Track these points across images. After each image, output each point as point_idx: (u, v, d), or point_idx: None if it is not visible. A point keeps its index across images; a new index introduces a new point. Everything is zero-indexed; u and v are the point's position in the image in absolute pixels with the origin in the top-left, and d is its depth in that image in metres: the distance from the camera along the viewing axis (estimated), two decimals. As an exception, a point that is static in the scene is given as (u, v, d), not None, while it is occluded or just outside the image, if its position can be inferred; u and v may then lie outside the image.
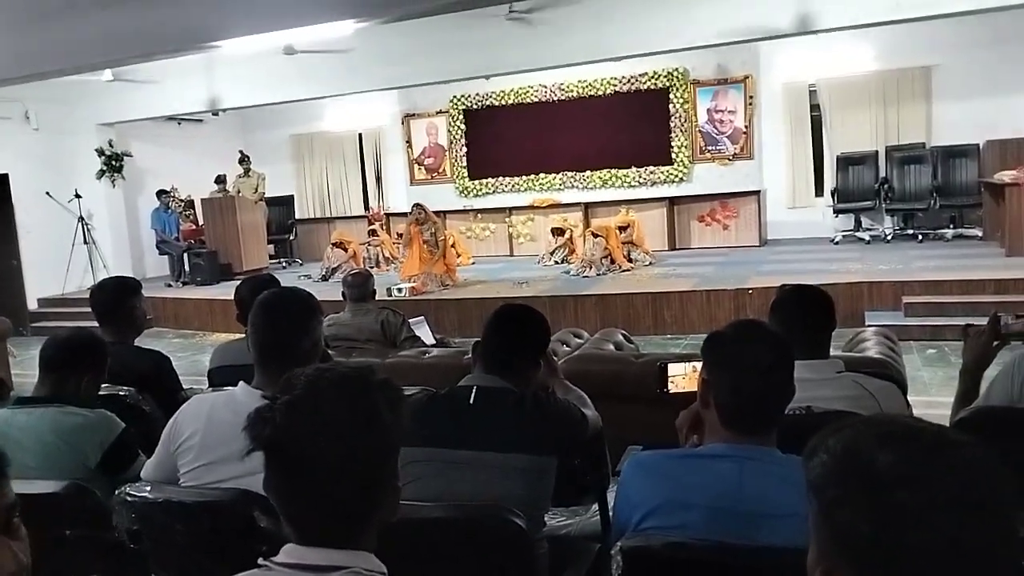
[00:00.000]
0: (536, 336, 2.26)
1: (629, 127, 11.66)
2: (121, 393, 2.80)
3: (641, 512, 1.61)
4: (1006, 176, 8.12)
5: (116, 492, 1.99)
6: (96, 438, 2.31)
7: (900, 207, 10.20)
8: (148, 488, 1.98)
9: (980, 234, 9.56)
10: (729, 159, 11.34)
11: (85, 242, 11.13)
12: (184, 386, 3.22)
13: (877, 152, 10.53)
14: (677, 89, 11.37)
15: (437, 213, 10.72)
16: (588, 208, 11.39)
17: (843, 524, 0.84)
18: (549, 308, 7.80)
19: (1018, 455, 2.07)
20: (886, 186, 10.28)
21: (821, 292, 2.41)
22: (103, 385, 2.65)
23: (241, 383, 2.01)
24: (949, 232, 9.81)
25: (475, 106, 12.50)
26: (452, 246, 10.25)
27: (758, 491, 1.50)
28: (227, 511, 1.84)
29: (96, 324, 3.16)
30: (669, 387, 2.38)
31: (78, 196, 10.96)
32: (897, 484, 0.81)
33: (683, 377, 2.35)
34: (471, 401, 2.08)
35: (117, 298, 3.21)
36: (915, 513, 0.80)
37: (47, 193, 10.80)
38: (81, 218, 11.07)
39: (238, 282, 3.92)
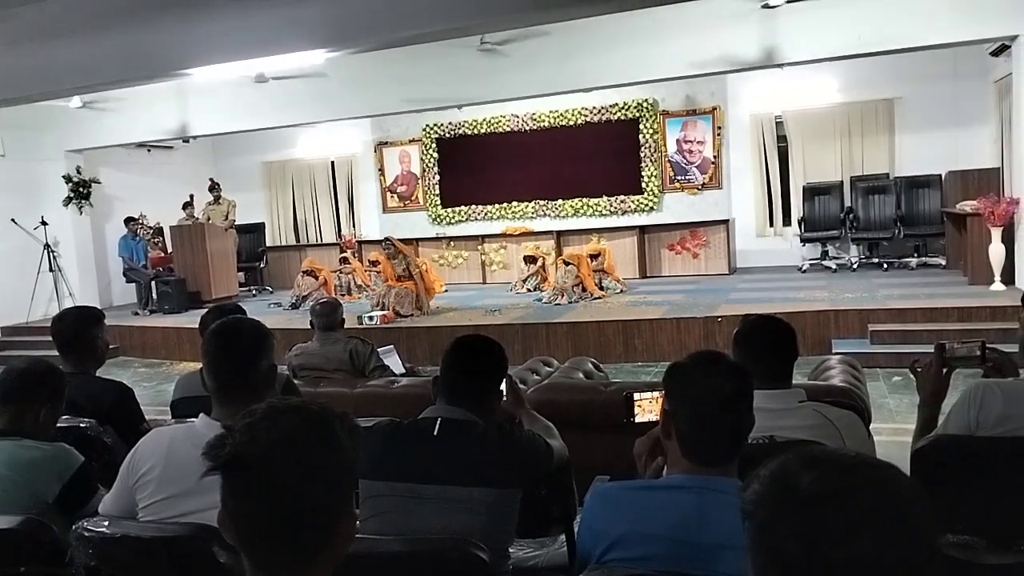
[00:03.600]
0: (493, 365, 2.25)
1: (600, 157, 11.78)
2: (82, 425, 2.74)
3: (604, 543, 1.61)
4: (967, 206, 8.29)
5: (73, 527, 1.95)
6: (54, 472, 2.25)
7: (865, 236, 10.37)
8: (106, 523, 1.93)
9: (943, 263, 9.74)
10: (698, 188, 11.49)
11: (51, 270, 10.97)
12: (149, 417, 3.17)
13: (842, 182, 10.74)
14: (647, 120, 11.53)
15: (409, 241, 10.72)
16: (560, 236, 11.46)
17: (773, 546, 0.85)
18: (521, 336, 7.82)
19: (973, 482, 2.10)
20: (851, 216, 10.46)
21: (783, 323, 2.42)
22: (63, 417, 2.60)
23: (202, 415, 1.98)
24: (913, 261, 10.00)
25: (448, 135, 12.56)
26: (426, 272, 10.24)
27: (719, 522, 1.50)
28: (186, 546, 1.81)
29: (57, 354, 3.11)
30: (636, 416, 2.38)
31: (44, 223, 10.83)
32: (819, 502, 0.84)
33: (650, 401, 2.35)
34: (435, 433, 2.07)
35: (78, 328, 3.15)
36: (838, 530, 0.82)
37: (12, 220, 10.67)
38: (47, 245, 10.92)
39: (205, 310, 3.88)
